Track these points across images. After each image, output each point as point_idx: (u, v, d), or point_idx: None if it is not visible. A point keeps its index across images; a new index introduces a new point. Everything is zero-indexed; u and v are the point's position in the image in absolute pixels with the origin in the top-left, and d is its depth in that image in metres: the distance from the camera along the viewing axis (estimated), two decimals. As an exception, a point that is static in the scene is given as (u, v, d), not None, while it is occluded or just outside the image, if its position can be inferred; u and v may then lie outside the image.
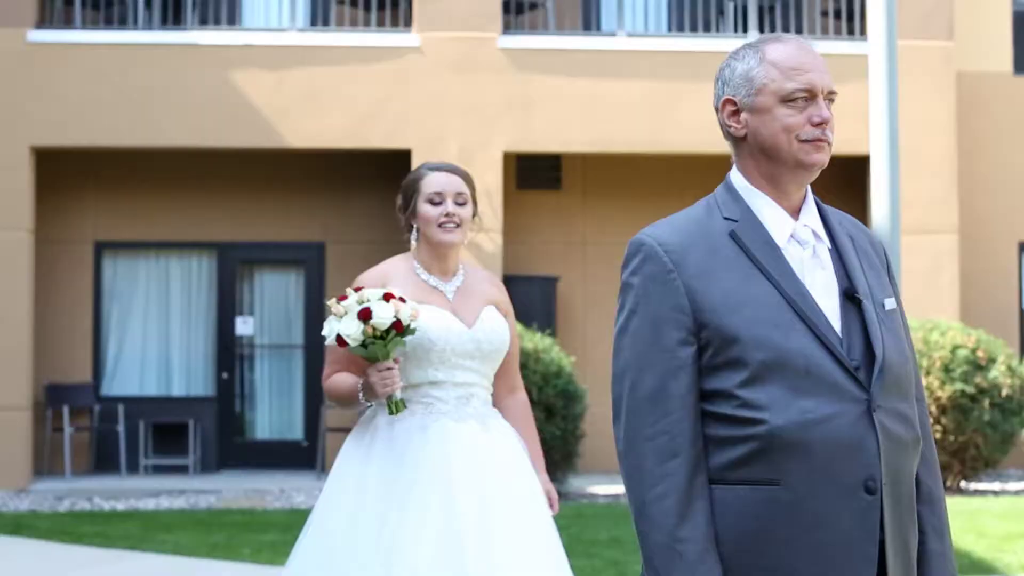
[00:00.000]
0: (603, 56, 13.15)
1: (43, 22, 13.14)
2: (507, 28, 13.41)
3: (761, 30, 13.63)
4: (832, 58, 13.15)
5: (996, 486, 12.63)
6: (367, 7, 13.66)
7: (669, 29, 14.15)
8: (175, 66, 12.91)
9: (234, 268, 14.07)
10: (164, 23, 13.40)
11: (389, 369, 3.97)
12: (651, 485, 2.42)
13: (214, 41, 13.00)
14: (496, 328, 4.19)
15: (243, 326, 14.06)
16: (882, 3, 7.83)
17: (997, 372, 11.84)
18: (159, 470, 13.69)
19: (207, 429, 13.76)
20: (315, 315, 14.01)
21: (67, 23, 13.39)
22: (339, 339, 3.94)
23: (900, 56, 10.37)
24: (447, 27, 13.01)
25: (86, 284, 13.83)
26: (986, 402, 11.76)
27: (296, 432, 14.09)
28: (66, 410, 13.19)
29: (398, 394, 4.02)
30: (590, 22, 14.24)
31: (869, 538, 2.41)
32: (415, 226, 4.23)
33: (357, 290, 4.01)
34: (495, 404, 4.25)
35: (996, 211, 14.18)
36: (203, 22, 13.51)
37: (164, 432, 13.73)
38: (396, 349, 4.00)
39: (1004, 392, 11.82)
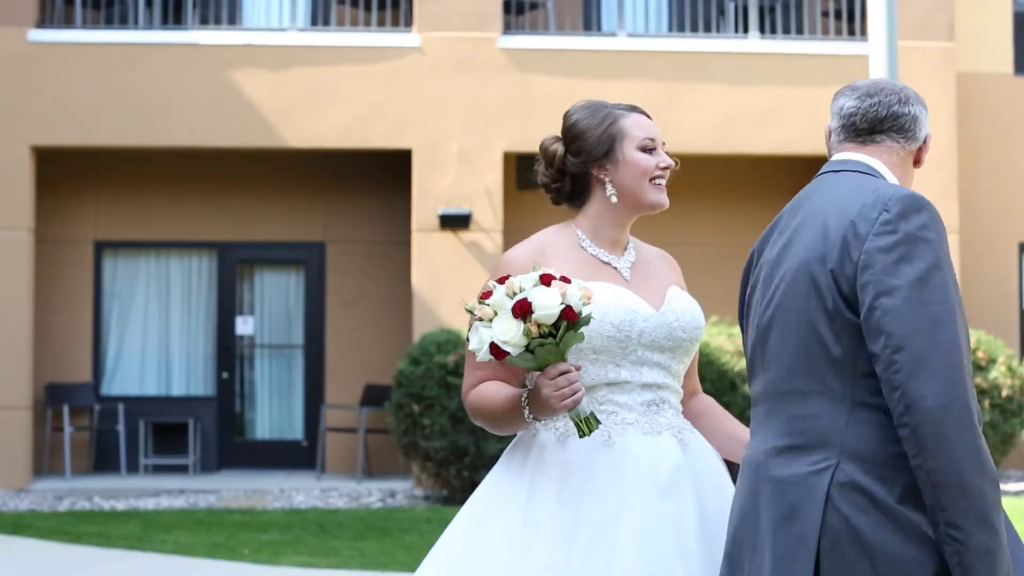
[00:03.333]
0: (603, 56, 13.15)
1: (44, 22, 13.14)
2: (507, 28, 13.41)
3: (762, 30, 13.63)
4: (832, 58, 13.20)
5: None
6: (367, 7, 13.66)
7: (669, 29, 14.15)
8: (175, 66, 12.91)
9: (234, 268, 14.07)
10: (164, 23, 13.40)
11: (566, 373, 2.93)
12: (981, 439, 2.46)
13: (214, 41, 13.00)
14: (689, 310, 3.20)
15: (243, 326, 14.07)
16: (882, 4, 7.82)
17: (997, 373, 11.84)
18: (159, 470, 13.69)
19: (207, 429, 13.76)
20: (315, 315, 14.02)
21: (68, 23, 13.39)
22: (495, 349, 2.90)
23: (900, 57, 10.37)
24: (447, 27, 13.01)
25: (86, 284, 13.83)
26: (986, 403, 11.76)
27: (296, 432, 14.09)
28: (66, 410, 13.19)
29: (585, 405, 2.97)
30: (590, 22, 14.24)
31: None
32: (607, 181, 3.23)
33: (502, 281, 2.97)
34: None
35: (996, 211, 14.18)
36: (203, 22, 13.51)
37: (164, 432, 13.73)
38: (572, 348, 3.00)
39: (1004, 393, 11.82)
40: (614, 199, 3.21)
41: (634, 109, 3.28)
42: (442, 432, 11.52)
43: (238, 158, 13.75)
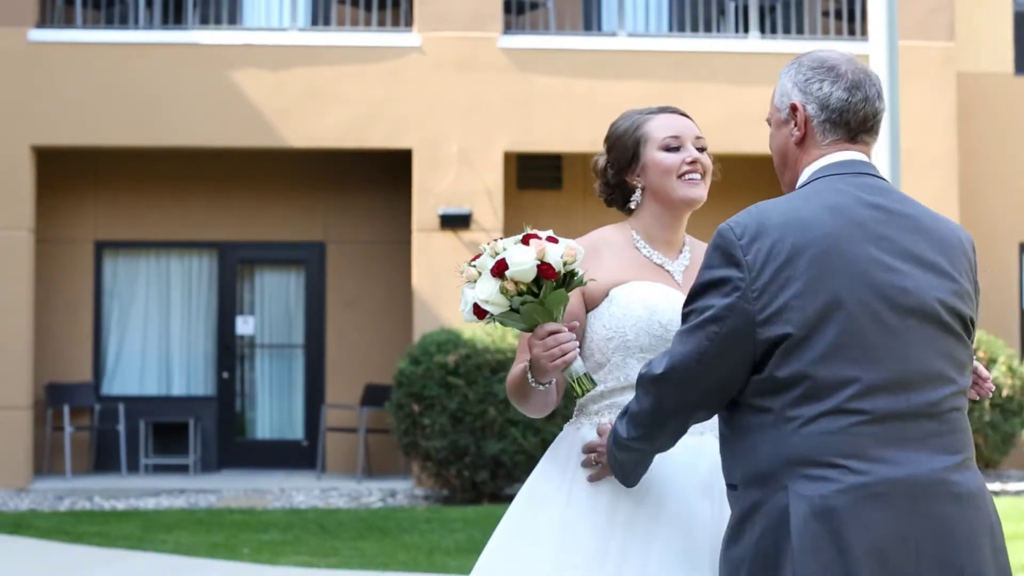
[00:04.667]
0: (603, 56, 13.15)
1: (44, 21, 13.14)
2: (508, 28, 13.41)
3: (762, 30, 13.63)
4: (832, 58, 13.19)
5: (996, 487, 12.63)
6: (367, 7, 13.67)
7: (669, 29, 14.16)
8: (175, 66, 12.91)
9: (234, 268, 14.07)
10: (165, 23, 13.40)
11: (553, 333, 2.95)
12: None
13: (214, 41, 13.00)
14: None
15: (243, 326, 14.07)
16: (883, 3, 7.83)
17: (998, 372, 11.85)
18: (159, 470, 13.69)
19: (207, 429, 13.76)
20: (315, 314, 14.02)
21: (68, 22, 13.39)
22: (477, 310, 2.95)
23: (901, 56, 10.36)
24: (447, 27, 13.02)
25: (86, 284, 13.83)
26: (986, 403, 11.76)
27: (296, 432, 14.09)
28: (66, 409, 13.19)
29: (578, 366, 2.99)
30: (591, 22, 14.24)
31: None
32: (639, 187, 3.24)
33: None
34: None
35: (996, 211, 14.18)
36: (204, 22, 13.51)
37: (164, 432, 13.73)
38: (619, 345, 3.08)
39: (1004, 393, 11.82)
40: (633, 205, 3.24)
41: (663, 110, 3.28)
42: (442, 432, 11.52)
43: (238, 158, 13.75)
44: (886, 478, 2.53)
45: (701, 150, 3.24)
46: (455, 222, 12.80)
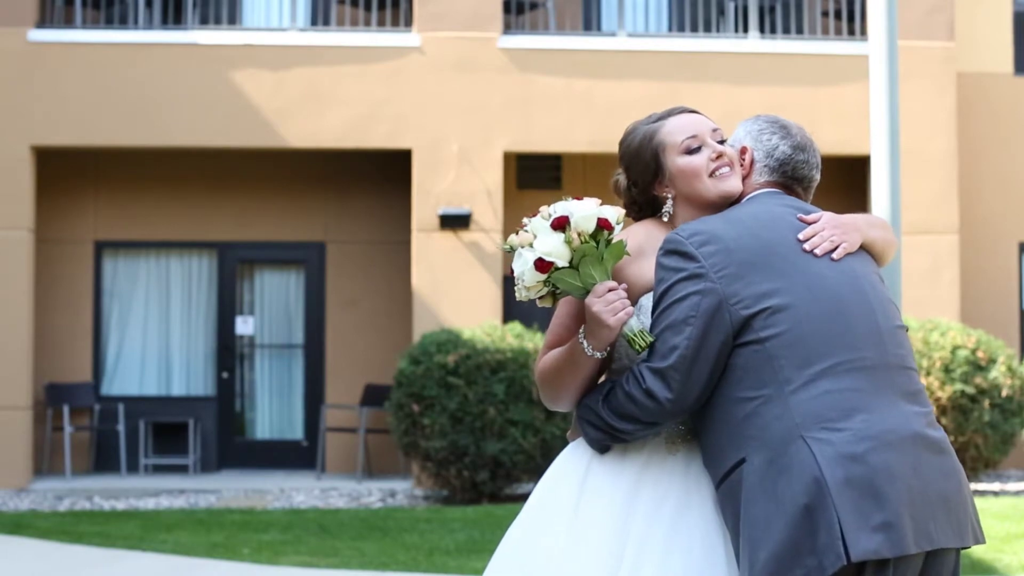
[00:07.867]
0: (603, 56, 13.15)
1: (44, 21, 13.14)
2: (507, 28, 13.41)
3: (761, 30, 13.63)
4: (832, 58, 13.20)
5: (996, 486, 12.63)
6: (367, 7, 13.67)
7: (669, 29, 14.15)
8: (175, 66, 12.91)
9: (234, 268, 14.07)
10: (164, 23, 13.40)
11: (612, 290, 2.94)
12: None
13: (214, 41, 13.00)
14: None
15: (243, 326, 14.06)
16: (882, 3, 7.82)
17: (997, 373, 11.84)
18: (159, 470, 13.69)
19: (207, 429, 13.76)
20: (315, 315, 14.02)
21: (68, 23, 13.39)
22: (540, 264, 2.94)
23: (901, 57, 10.36)
24: (447, 27, 13.01)
25: (86, 284, 13.83)
26: (986, 403, 11.76)
27: (296, 432, 14.09)
28: (66, 410, 13.19)
29: (634, 322, 2.95)
30: (590, 22, 14.24)
31: None
32: (669, 196, 3.13)
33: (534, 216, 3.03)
34: None
35: (996, 211, 14.18)
36: (203, 22, 13.51)
37: (164, 432, 13.73)
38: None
39: (1004, 392, 11.81)
40: (665, 218, 3.14)
41: (672, 112, 3.19)
42: (442, 432, 11.51)
43: (238, 158, 13.75)
44: (889, 428, 2.79)
45: (721, 142, 3.14)
46: (455, 222, 12.80)
